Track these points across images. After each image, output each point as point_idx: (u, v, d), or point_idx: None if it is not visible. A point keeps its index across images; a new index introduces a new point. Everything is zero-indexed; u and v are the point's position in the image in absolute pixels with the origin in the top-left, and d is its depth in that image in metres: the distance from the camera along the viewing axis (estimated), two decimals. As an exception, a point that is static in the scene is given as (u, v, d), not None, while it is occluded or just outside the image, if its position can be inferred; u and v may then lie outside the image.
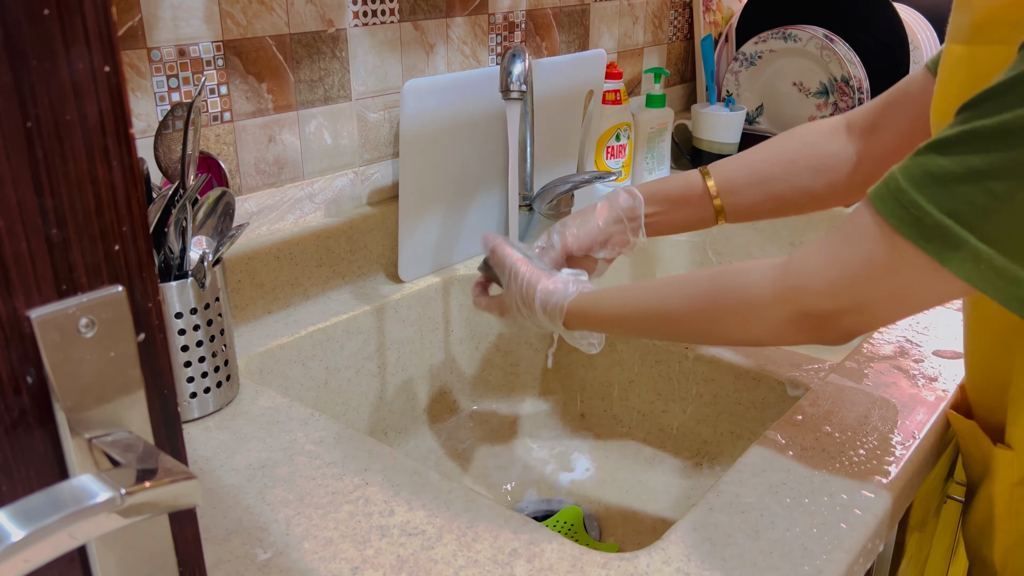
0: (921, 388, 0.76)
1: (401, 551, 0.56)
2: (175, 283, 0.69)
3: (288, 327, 0.88)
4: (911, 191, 0.49)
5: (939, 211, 0.48)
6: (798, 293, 0.56)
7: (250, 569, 0.54)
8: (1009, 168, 0.45)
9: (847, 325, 0.56)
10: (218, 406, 0.73)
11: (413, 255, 0.99)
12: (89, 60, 0.27)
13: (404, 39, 1.02)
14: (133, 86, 0.79)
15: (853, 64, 1.32)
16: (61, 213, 0.28)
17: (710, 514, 0.59)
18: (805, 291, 0.56)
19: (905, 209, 0.49)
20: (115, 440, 0.30)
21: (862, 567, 0.58)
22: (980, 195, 0.46)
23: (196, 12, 0.82)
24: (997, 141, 0.46)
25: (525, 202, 1.09)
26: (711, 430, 0.94)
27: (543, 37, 1.22)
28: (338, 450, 0.67)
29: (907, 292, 0.52)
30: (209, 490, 0.62)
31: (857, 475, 0.63)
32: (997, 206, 0.46)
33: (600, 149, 1.24)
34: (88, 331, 0.29)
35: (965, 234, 0.47)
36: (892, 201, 0.50)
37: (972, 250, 0.47)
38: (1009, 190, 0.45)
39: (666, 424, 0.98)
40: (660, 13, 1.46)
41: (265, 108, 0.90)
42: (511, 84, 0.83)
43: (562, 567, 0.54)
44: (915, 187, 0.49)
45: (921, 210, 0.48)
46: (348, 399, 0.93)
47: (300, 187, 0.96)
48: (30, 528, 0.25)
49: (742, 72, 1.44)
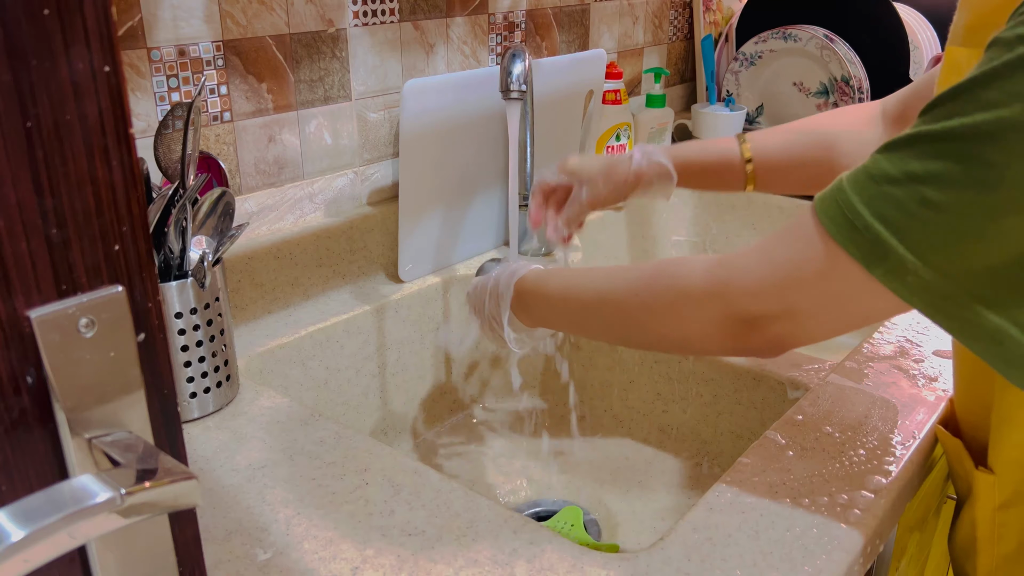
0: (921, 388, 0.75)
1: (401, 551, 0.56)
2: (175, 283, 0.69)
3: (288, 327, 0.88)
4: (848, 191, 0.47)
5: (871, 215, 0.45)
6: (726, 288, 0.54)
7: (250, 569, 0.54)
8: (946, 177, 0.43)
9: (774, 333, 0.53)
10: (218, 406, 0.73)
11: (413, 255, 0.99)
12: (89, 60, 0.27)
13: (404, 39, 1.02)
14: (133, 86, 0.79)
15: (853, 64, 1.32)
16: (61, 213, 0.28)
17: (710, 514, 0.59)
18: (732, 287, 0.53)
19: (840, 210, 0.47)
20: (115, 440, 0.30)
21: (862, 567, 0.58)
22: (912, 202, 0.44)
23: (196, 12, 0.82)
24: (938, 147, 0.43)
25: (525, 202, 1.09)
26: (711, 430, 0.94)
27: (543, 37, 1.22)
28: (338, 450, 0.67)
29: (837, 301, 0.49)
30: (209, 490, 0.62)
31: (857, 475, 0.63)
32: (929, 215, 0.43)
33: (600, 149, 1.24)
34: (88, 331, 0.29)
35: (893, 241, 0.44)
36: (831, 202, 0.48)
37: (899, 259, 0.44)
38: (944, 200, 0.43)
39: (666, 424, 0.98)
40: (660, 13, 1.46)
41: (265, 108, 0.90)
42: (511, 84, 0.83)
43: (562, 567, 0.54)
44: (853, 188, 0.47)
45: (855, 212, 0.46)
46: (348, 399, 0.93)
47: (300, 187, 0.96)
48: (30, 528, 0.25)
49: (742, 72, 1.44)
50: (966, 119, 0.42)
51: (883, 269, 0.45)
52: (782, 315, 0.52)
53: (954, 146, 0.43)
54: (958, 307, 0.45)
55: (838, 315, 0.51)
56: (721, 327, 0.55)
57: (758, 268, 0.52)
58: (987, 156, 0.41)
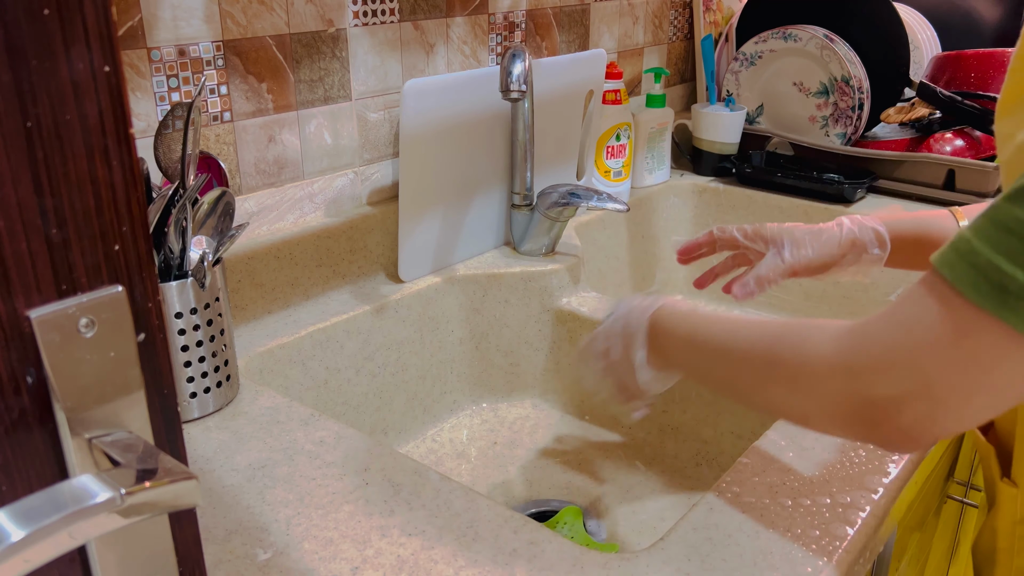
0: (921, 388, 0.75)
1: (401, 551, 0.56)
2: (175, 283, 0.69)
3: (288, 327, 0.88)
4: (985, 251, 0.42)
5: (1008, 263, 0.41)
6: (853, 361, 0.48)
7: (250, 569, 0.54)
8: None
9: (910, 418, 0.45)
10: (218, 406, 0.73)
11: (413, 255, 0.99)
12: (89, 60, 0.27)
13: (404, 39, 1.02)
14: (133, 86, 0.79)
15: (853, 64, 1.32)
16: (61, 213, 0.28)
17: (710, 514, 0.59)
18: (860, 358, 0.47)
19: (979, 272, 0.42)
20: (115, 440, 0.30)
21: (862, 567, 0.58)
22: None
23: (196, 12, 0.82)
24: None
25: (525, 202, 1.09)
26: (711, 430, 0.94)
27: (543, 37, 1.22)
28: (338, 450, 0.67)
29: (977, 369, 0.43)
30: (209, 490, 0.62)
31: (857, 475, 0.63)
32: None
33: (600, 149, 1.24)
34: (88, 331, 0.29)
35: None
36: (962, 264, 0.43)
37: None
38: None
39: (666, 424, 0.98)
40: (660, 13, 1.46)
41: (265, 108, 0.90)
42: (511, 84, 0.83)
43: (562, 567, 0.54)
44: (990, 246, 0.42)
45: (1000, 273, 0.41)
46: (348, 399, 0.93)
47: (300, 187, 0.96)
48: (30, 528, 0.25)
49: (742, 72, 1.44)
50: None
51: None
52: (916, 392, 0.45)
53: None
54: None
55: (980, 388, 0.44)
56: (848, 408, 0.48)
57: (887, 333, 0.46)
58: None
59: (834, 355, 0.49)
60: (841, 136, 1.37)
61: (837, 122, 1.37)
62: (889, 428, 0.47)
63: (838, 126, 1.37)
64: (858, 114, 1.34)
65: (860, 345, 0.47)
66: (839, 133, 1.37)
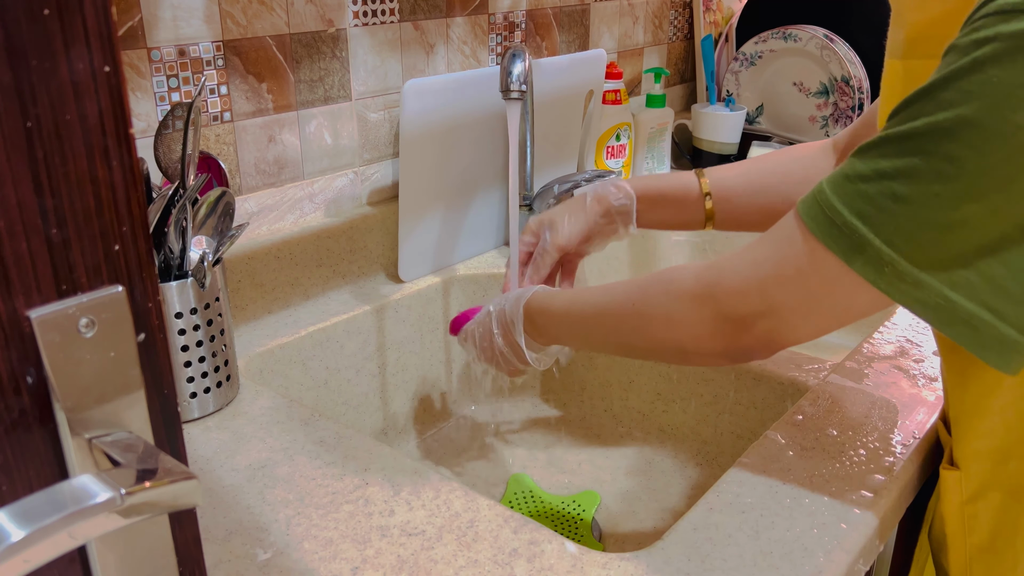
0: (921, 388, 0.75)
1: (401, 551, 0.56)
2: (175, 283, 0.69)
3: (288, 327, 0.88)
4: (828, 193, 0.50)
5: (849, 211, 0.48)
6: (714, 289, 0.56)
7: (250, 569, 0.54)
8: (912, 172, 0.46)
9: (761, 331, 0.55)
10: (218, 406, 0.73)
11: (413, 255, 0.99)
12: (89, 60, 0.27)
13: (404, 39, 1.02)
14: (133, 86, 0.79)
15: (853, 64, 1.32)
16: (61, 213, 0.28)
17: (710, 514, 0.59)
18: (719, 287, 0.56)
19: (820, 209, 0.50)
20: (115, 440, 0.30)
21: (862, 567, 0.58)
22: (884, 197, 0.47)
23: (196, 12, 0.82)
24: (904, 145, 0.47)
25: (525, 202, 1.09)
26: (711, 430, 0.94)
27: (543, 37, 1.22)
28: (338, 450, 0.67)
29: (818, 297, 0.52)
30: (209, 490, 0.62)
31: (857, 475, 0.63)
32: (899, 208, 0.46)
33: (600, 149, 1.24)
34: (88, 331, 0.29)
35: (870, 235, 0.47)
36: (812, 203, 0.51)
37: (875, 252, 0.48)
38: (911, 193, 0.46)
39: (666, 424, 0.98)
40: (660, 13, 1.46)
41: (265, 108, 0.90)
42: (511, 84, 0.83)
43: (562, 567, 0.54)
44: (831, 188, 0.50)
45: (833, 210, 0.49)
46: (348, 399, 0.93)
47: (300, 187, 0.96)
48: (30, 528, 0.25)
49: (742, 72, 1.44)
50: (928, 119, 0.46)
51: (861, 261, 0.48)
52: (767, 312, 0.54)
53: (918, 143, 0.46)
54: (932, 295, 0.47)
55: (820, 311, 0.53)
56: (712, 328, 0.57)
57: (743, 268, 0.55)
58: (947, 150, 0.45)
59: (697, 286, 0.58)
60: (841, 136, 1.37)
61: (837, 122, 1.37)
62: (746, 340, 0.56)
63: (838, 126, 1.37)
64: (858, 114, 1.34)
65: (719, 276, 0.57)
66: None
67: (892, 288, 0.48)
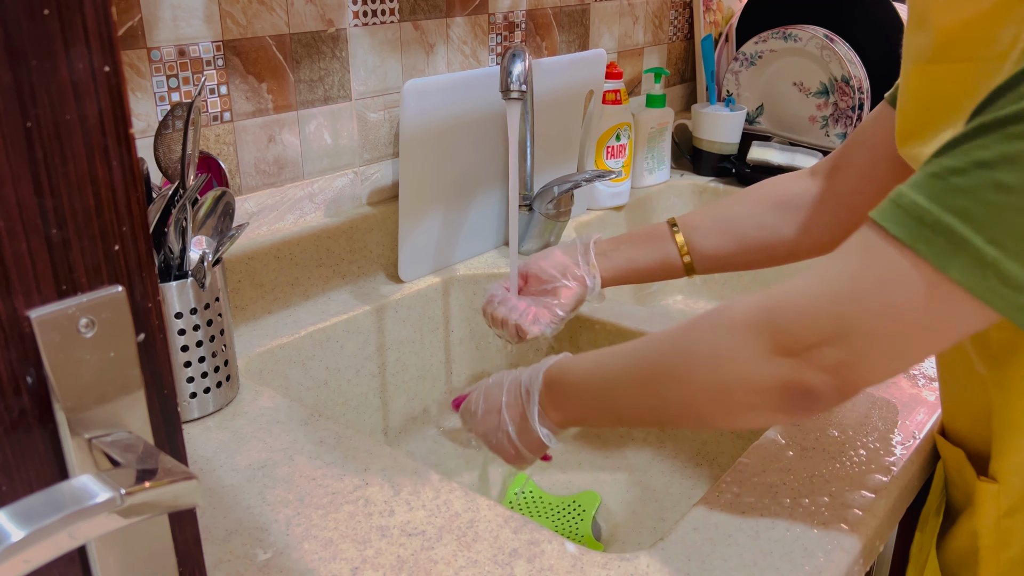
0: (921, 388, 0.75)
1: (401, 551, 0.56)
2: (175, 283, 0.69)
3: (288, 327, 0.88)
4: (910, 194, 0.43)
5: (941, 208, 0.42)
6: (772, 315, 0.47)
7: (250, 569, 0.54)
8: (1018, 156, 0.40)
9: (830, 364, 0.46)
10: (218, 406, 0.73)
11: (413, 255, 0.99)
12: (89, 60, 0.27)
13: (404, 39, 1.02)
14: (133, 86, 0.79)
15: (853, 64, 1.32)
16: (61, 213, 0.28)
17: (710, 514, 0.59)
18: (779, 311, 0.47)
19: (902, 211, 0.43)
20: (115, 440, 0.30)
21: (862, 567, 0.58)
22: (986, 188, 0.40)
23: (196, 12, 0.82)
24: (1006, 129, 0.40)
25: (525, 202, 1.09)
26: (711, 430, 0.93)
27: (543, 37, 1.22)
28: (338, 450, 0.67)
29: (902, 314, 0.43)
30: (209, 490, 0.62)
31: (857, 475, 0.63)
32: (1005, 200, 0.40)
33: (600, 149, 1.24)
34: (88, 331, 0.29)
35: (968, 232, 0.41)
36: (889, 207, 0.44)
37: (976, 252, 0.41)
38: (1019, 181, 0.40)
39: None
40: (660, 13, 1.46)
41: (265, 108, 0.90)
42: (511, 84, 0.83)
43: (562, 567, 0.54)
44: (915, 189, 0.43)
45: (921, 209, 0.42)
46: (348, 399, 0.93)
47: (300, 187, 0.96)
48: (30, 528, 0.25)
49: (742, 72, 1.44)
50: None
51: (959, 265, 0.41)
52: (838, 338, 0.45)
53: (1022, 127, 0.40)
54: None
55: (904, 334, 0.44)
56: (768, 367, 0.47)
57: (809, 287, 0.47)
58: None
59: (750, 312, 0.48)
60: (841, 136, 1.37)
61: (837, 122, 1.37)
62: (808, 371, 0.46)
63: (838, 126, 1.37)
64: (858, 114, 1.34)
65: (779, 299, 0.48)
66: (839, 133, 1.37)
67: (994, 295, 0.41)
